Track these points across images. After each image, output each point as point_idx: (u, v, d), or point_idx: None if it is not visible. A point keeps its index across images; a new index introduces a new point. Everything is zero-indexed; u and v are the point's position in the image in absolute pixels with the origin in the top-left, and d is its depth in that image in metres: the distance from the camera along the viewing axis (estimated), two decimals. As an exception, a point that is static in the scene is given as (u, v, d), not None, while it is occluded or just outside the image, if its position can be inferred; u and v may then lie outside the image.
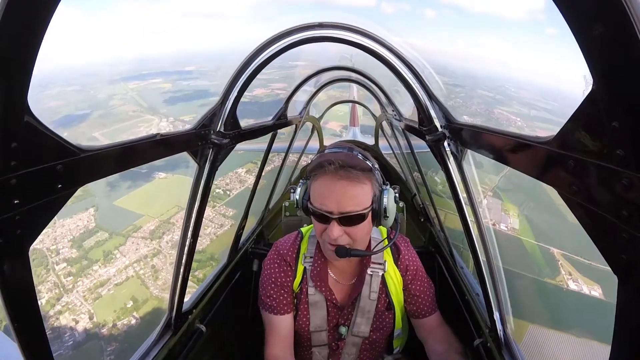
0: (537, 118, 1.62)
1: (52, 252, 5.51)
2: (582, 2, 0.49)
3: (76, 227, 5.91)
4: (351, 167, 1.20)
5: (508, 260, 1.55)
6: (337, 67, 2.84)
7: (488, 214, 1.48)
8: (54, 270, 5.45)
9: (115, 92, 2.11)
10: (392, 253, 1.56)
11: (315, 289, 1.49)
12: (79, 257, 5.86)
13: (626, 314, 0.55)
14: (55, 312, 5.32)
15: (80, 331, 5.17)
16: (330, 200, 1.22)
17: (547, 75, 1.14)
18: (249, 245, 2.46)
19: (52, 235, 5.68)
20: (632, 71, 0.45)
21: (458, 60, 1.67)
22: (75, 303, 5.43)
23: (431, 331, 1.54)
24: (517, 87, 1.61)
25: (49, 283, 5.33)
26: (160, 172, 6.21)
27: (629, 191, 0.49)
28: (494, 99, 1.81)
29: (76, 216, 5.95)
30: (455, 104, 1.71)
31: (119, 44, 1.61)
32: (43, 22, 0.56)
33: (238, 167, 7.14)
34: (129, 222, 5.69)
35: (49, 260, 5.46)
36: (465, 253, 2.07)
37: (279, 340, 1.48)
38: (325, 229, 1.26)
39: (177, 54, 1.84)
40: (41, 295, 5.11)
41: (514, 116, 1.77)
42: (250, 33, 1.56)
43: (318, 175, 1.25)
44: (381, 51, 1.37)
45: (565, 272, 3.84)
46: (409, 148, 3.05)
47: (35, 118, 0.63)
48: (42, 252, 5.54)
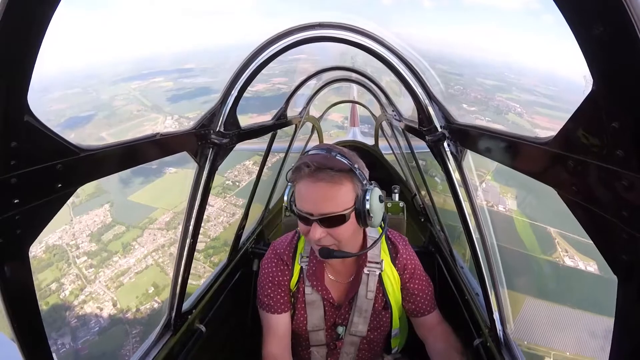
0: (536, 103, 1.62)
1: (71, 247, 5.69)
2: (582, 2, 0.49)
3: (93, 222, 6.10)
4: (328, 169, 1.20)
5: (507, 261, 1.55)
6: (338, 67, 2.84)
7: (488, 214, 1.48)
8: (75, 264, 5.62)
9: (118, 92, 2.11)
10: (390, 252, 1.56)
11: (312, 288, 1.49)
12: (98, 250, 6.03)
13: (626, 314, 0.55)
14: (80, 302, 5.46)
15: (105, 317, 5.32)
16: (308, 202, 1.24)
17: (546, 61, 1.14)
18: (249, 245, 2.46)
19: (70, 232, 5.92)
20: (632, 71, 0.45)
21: (456, 49, 1.66)
22: (99, 292, 5.62)
23: (431, 329, 1.54)
24: (517, 74, 1.60)
25: (71, 275, 5.50)
26: (171, 167, 6.43)
27: (629, 192, 0.49)
28: (493, 86, 1.81)
29: (92, 212, 6.13)
30: (454, 92, 1.71)
31: (116, 44, 1.61)
32: (43, 22, 0.56)
33: (245, 159, 7.34)
34: (145, 215, 5.87)
35: (69, 255, 5.60)
36: (465, 253, 2.07)
37: (276, 339, 1.49)
38: (309, 230, 1.27)
39: (176, 53, 1.84)
40: (65, 288, 5.26)
41: (513, 102, 1.77)
42: (250, 31, 1.56)
43: (297, 177, 1.26)
44: (381, 51, 1.37)
45: (562, 249, 3.80)
46: (409, 148, 3.05)
47: (35, 118, 0.63)
48: (62, 248, 5.73)
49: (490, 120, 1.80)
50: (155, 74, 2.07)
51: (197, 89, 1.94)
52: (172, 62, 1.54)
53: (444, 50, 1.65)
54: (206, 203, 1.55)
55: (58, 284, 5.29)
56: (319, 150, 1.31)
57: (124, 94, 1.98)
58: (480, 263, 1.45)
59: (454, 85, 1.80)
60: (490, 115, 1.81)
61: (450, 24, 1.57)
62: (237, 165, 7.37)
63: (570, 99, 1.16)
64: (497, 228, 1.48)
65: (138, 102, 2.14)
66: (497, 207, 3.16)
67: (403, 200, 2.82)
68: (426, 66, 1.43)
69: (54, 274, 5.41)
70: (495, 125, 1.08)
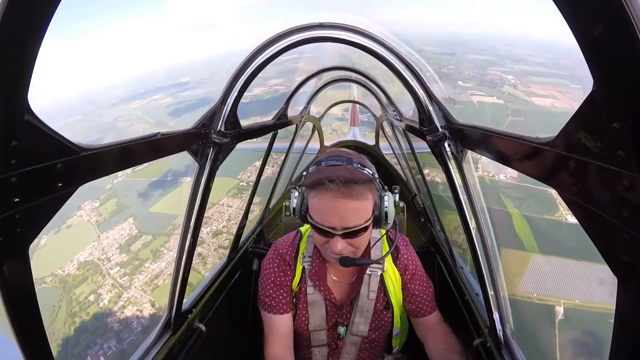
0: (531, 72, 1.60)
1: (103, 261, 5.96)
2: (582, 2, 0.49)
3: (120, 236, 6.35)
4: (354, 183, 1.16)
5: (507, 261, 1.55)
6: (338, 67, 2.84)
7: (488, 214, 1.47)
8: (109, 275, 5.86)
9: (120, 114, 2.11)
10: (391, 252, 1.56)
11: (314, 288, 1.49)
12: (129, 259, 6.26)
13: (626, 315, 0.55)
14: (119, 307, 5.64)
15: (146, 317, 5.53)
16: (333, 217, 1.20)
17: (538, 29, 1.11)
18: (249, 245, 2.47)
19: (99, 248, 6.14)
20: (632, 72, 0.45)
21: (445, 28, 1.63)
22: (136, 297, 5.84)
23: (430, 330, 1.54)
24: (509, 45, 1.57)
25: (107, 285, 5.78)
26: (186, 177, 6.79)
27: (630, 192, 0.49)
28: (486, 60, 1.78)
29: (117, 227, 6.40)
30: (448, 72, 1.70)
31: (109, 67, 1.60)
32: (43, 22, 0.56)
33: (256, 160, 7.59)
34: (169, 222, 6.07)
35: (102, 268, 5.88)
36: (465, 253, 2.07)
37: (278, 340, 1.49)
38: (327, 241, 1.25)
39: (171, 67, 1.85)
40: (103, 297, 5.53)
41: (506, 75, 1.75)
42: (250, 31, 1.56)
43: (318, 191, 1.20)
44: (381, 51, 1.37)
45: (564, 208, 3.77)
46: (409, 148, 3.05)
47: (35, 117, 0.63)
48: (94, 262, 6.00)
49: (484, 94, 1.79)
50: (153, 91, 2.07)
51: (197, 100, 1.94)
52: (168, 77, 1.53)
53: (431, 21, 1.62)
54: (206, 203, 1.55)
55: (95, 294, 5.46)
56: (336, 161, 1.25)
57: (126, 115, 1.98)
58: (480, 263, 1.45)
59: (443, 53, 1.78)
60: (486, 90, 1.80)
61: (452, 20, 1.54)
62: (248, 167, 7.50)
63: (565, 64, 1.14)
64: (498, 226, 1.48)
65: (142, 121, 2.14)
66: (497, 177, 3.20)
67: (403, 200, 2.82)
68: (426, 66, 1.43)
69: (90, 287, 5.61)
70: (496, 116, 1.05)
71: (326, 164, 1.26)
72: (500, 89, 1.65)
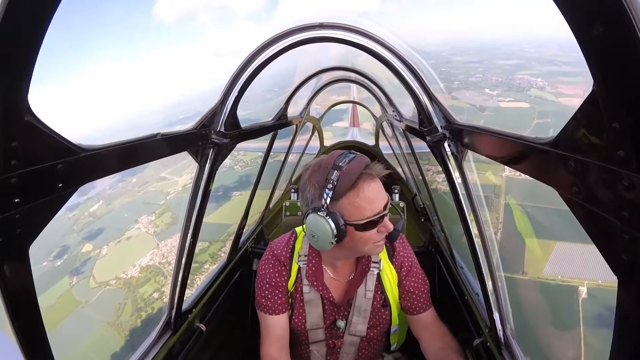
0: (558, 73, 1.58)
1: (164, 264, 6.34)
2: (581, 2, 0.49)
3: (177, 244, 6.96)
4: (368, 165, 1.27)
5: (508, 261, 1.55)
6: (338, 68, 2.84)
7: (488, 214, 1.47)
8: (170, 275, 6.32)
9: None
10: (387, 250, 1.56)
11: (310, 287, 1.49)
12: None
13: (626, 315, 0.55)
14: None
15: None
16: (381, 200, 1.28)
17: (564, 29, 1.11)
18: (249, 245, 2.47)
19: (159, 254, 6.52)
20: (632, 72, 0.45)
21: (469, 36, 1.62)
22: (187, 294, 6.62)
23: (426, 327, 1.53)
24: (536, 46, 1.54)
25: (169, 284, 6.38)
26: (235, 191, 7.78)
27: (630, 192, 0.49)
28: (514, 65, 1.75)
29: (175, 236, 6.82)
30: (476, 80, 1.69)
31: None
32: (43, 22, 0.56)
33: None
34: (224, 231, 6.52)
35: (163, 270, 6.26)
36: (465, 253, 2.07)
37: (274, 340, 1.49)
38: (376, 229, 1.28)
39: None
40: (165, 294, 5.97)
41: (534, 78, 1.74)
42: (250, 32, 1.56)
43: (358, 185, 1.23)
44: (382, 52, 1.38)
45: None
46: (409, 148, 3.05)
47: (35, 117, 0.63)
48: (156, 266, 6.41)
49: (512, 100, 1.78)
50: (191, 117, 2.10)
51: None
52: (205, 102, 1.52)
53: (454, 28, 1.60)
54: (206, 203, 1.55)
55: (159, 292, 5.80)
56: (344, 157, 1.27)
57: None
58: (480, 263, 1.45)
59: (474, 73, 1.77)
60: (513, 95, 1.80)
61: (455, 18, 1.53)
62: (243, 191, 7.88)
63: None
64: (498, 226, 1.48)
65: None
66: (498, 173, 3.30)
67: (403, 200, 2.82)
68: (426, 66, 1.43)
69: (153, 286, 5.99)
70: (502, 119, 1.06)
71: (345, 164, 1.25)
72: (527, 92, 1.64)
